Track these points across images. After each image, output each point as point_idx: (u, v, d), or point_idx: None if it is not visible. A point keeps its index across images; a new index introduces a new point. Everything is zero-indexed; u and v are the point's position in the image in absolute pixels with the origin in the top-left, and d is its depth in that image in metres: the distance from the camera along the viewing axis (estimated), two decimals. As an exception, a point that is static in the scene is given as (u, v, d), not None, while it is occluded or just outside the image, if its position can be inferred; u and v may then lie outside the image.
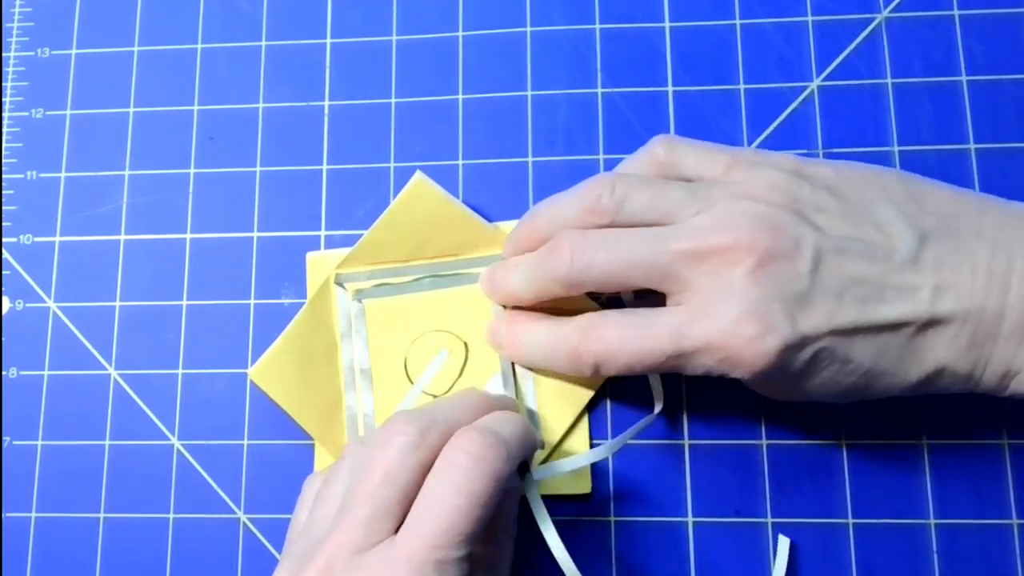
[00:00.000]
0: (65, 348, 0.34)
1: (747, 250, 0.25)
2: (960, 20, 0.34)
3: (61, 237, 0.35)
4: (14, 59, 0.37)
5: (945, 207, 0.27)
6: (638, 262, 0.26)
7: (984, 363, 0.26)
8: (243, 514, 0.33)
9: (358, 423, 0.32)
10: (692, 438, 0.32)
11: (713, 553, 0.31)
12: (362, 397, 0.32)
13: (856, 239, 0.26)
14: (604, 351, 0.27)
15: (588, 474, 0.31)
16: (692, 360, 0.26)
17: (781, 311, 0.25)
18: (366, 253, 0.33)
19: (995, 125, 0.33)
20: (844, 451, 0.31)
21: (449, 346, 0.32)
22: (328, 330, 0.33)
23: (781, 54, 0.35)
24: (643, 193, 0.27)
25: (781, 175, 0.27)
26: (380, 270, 0.33)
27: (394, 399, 0.32)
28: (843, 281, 0.25)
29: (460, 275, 0.33)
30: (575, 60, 0.35)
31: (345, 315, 0.33)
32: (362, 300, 0.33)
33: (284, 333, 0.32)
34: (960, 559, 0.30)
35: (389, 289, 0.33)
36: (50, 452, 0.34)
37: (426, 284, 0.33)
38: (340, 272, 0.33)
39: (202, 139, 0.36)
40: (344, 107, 0.36)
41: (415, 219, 0.32)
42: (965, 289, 0.25)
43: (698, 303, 0.26)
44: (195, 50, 0.37)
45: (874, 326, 0.25)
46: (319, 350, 0.32)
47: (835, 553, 0.31)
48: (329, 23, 0.36)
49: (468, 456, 0.24)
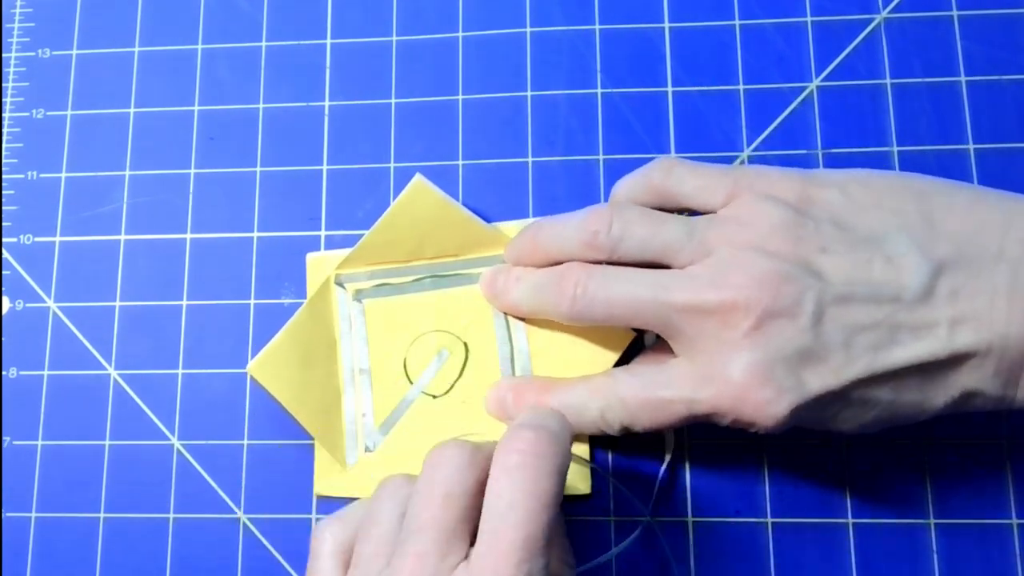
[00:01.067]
0: (65, 348, 0.34)
1: (745, 311, 0.25)
2: (959, 20, 0.34)
3: (61, 237, 0.35)
4: (15, 59, 0.37)
5: (964, 225, 0.25)
6: (639, 309, 0.26)
7: (1015, 384, 0.25)
8: (243, 514, 0.33)
9: (356, 423, 0.32)
10: (692, 438, 0.32)
11: (714, 553, 0.31)
12: (361, 396, 0.32)
13: (862, 282, 0.25)
14: (627, 417, 0.27)
15: (588, 475, 0.31)
16: (707, 418, 0.26)
17: (785, 372, 0.24)
18: (366, 254, 0.33)
19: (994, 125, 0.33)
20: (844, 451, 0.31)
21: (449, 346, 0.32)
22: (327, 329, 0.33)
23: (781, 54, 0.35)
24: (639, 230, 0.27)
25: (782, 212, 0.26)
26: (380, 270, 0.33)
27: (393, 399, 0.32)
28: (850, 330, 0.24)
29: (460, 275, 0.33)
30: (575, 60, 0.35)
31: (345, 315, 0.33)
32: (362, 300, 0.33)
33: (283, 330, 0.32)
34: (960, 559, 0.30)
35: (389, 289, 0.33)
36: (50, 452, 0.34)
37: (426, 284, 0.33)
38: (340, 272, 0.33)
39: (202, 139, 0.36)
40: (344, 107, 0.36)
41: (415, 220, 0.32)
42: (985, 319, 0.24)
43: (703, 362, 0.26)
44: (195, 50, 0.37)
45: (889, 371, 0.24)
46: (318, 349, 0.32)
47: (835, 553, 0.31)
48: (329, 23, 0.36)
49: (525, 456, 0.22)
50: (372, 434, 0.32)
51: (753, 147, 0.34)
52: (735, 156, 0.34)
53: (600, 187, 0.34)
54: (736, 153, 0.34)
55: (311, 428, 0.32)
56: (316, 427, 0.32)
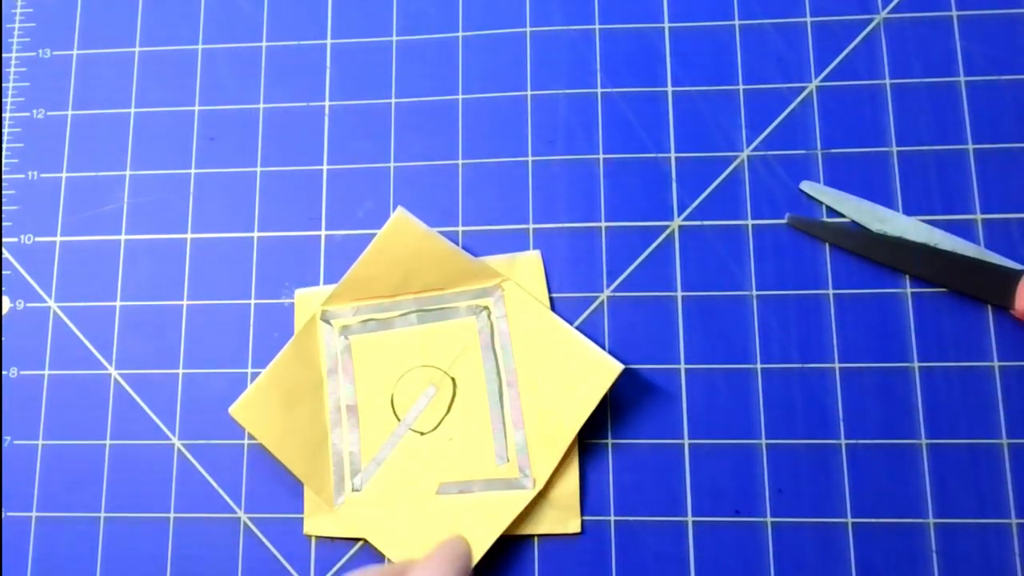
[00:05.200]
0: (66, 348, 0.34)
1: None
2: (958, 21, 0.34)
3: (62, 237, 0.35)
4: (15, 59, 0.37)
5: None
6: None
7: None
8: (243, 514, 0.33)
9: (344, 460, 0.32)
10: (692, 438, 0.32)
11: (713, 553, 0.31)
12: (348, 435, 0.32)
13: None
14: None
15: (578, 512, 0.31)
16: None
17: None
18: (351, 289, 0.33)
19: (993, 125, 0.33)
20: (844, 451, 0.32)
21: (436, 382, 0.32)
22: (314, 367, 0.33)
23: (780, 55, 0.35)
24: None
25: None
26: (366, 305, 0.33)
27: (381, 436, 0.32)
28: None
29: (446, 309, 0.33)
30: (575, 60, 0.35)
31: (331, 351, 0.33)
32: (348, 336, 0.33)
33: (267, 369, 0.32)
34: (959, 559, 0.30)
35: (375, 325, 0.33)
36: (50, 452, 0.34)
37: (412, 319, 0.33)
38: (326, 308, 0.33)
39: (203, 139, 0.36)
40: (344, 107, 0.36)
41: (399, 254, 0.32)
42: None
43: None
44: (196, 51, 0.37)
45: None
46: (304, 387, 0.32)
47: (835, 553, 0.31)
48: (329, 23, 0.37)
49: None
50: (359, 472, 0.32)
51: (752, 147, 0.34)
52: (735, 156, 0.34)
53: (600, 187, 0.34)
54: (736, 153, 0.34)
55: (296, 470, 0.32)
56: (301, 468, 0.32)
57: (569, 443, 0.31)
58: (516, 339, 0.32)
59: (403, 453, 0.32)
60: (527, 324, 0.32)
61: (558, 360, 0.32)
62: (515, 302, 0.33)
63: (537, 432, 0.31)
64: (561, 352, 0.32)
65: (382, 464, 0.32)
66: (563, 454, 0.31)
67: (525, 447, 0.31)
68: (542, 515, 0.31)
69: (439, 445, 0.32)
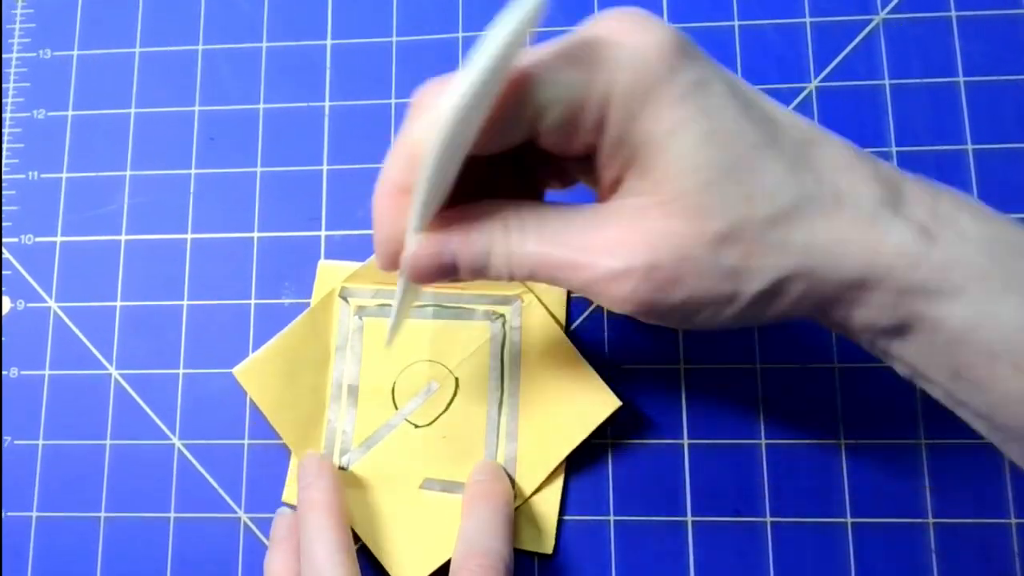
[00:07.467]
0: (66, 348, 0.34)
1: None
2: (957, 21, 0.35)
3: (62, 237, 0.35)
4: (16, 60, 0.37)
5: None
6: None
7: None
8: (243, 514, 0.33)
9: (336, 438, 0.32)
10: (692, 438, 0.32)
11: (713, 553, 0.31)
12: (345, 413, 0.32)
13: None
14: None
15: (552, 534, 0.31)
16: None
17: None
18: (375, 270, 0.33)
19: (992, 126, 0.34)
20: (844, 451, 0.32)
21: (440, 379, 0.32)
22: (323, 341, 0.33)
23: (780, 55, 0.35)
24: None
25: None
26: (386, 290, 0.33)
27: (376, 421, 0.32)
28: None
29: (464, 309, 0.33)
30: (575, 61, 0.35)
31: (343, 329, 0.33)
32: (362, 317, 0.33)
33: (278, 336, 0.32)
34: (959, 558, 0.30)
35: (390, 310, 0.33)
36: (50, 452, 0.34)
37: (428, 313, 0.33)
38: (346, 285, 0.33)
39: (203, 140, 0.36)
40: (344, 107, 0.36)
41: None
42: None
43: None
44: (196, 51, 0.37)
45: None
46: (310, 359, 0.32)
47: (835, 553, 0.31)
48: (329, 23, 0.37)
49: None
50: (349, 452, 0.32)
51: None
52: (734, 156, 0.34)
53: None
54: (735, 153, 0.34)
55: (288, 439, 0.32)
56: (293, 438, 0.32)
57: (556, 466, 0.31)
58: (526, 353, 0.32)
59: (394, 442, 0.32)
60: (539, 341, 0.32)
61: (562, 383, 0.31)
62: (532, 316, 0.32)
63: (528, 448, 0.31)
64: (566, 376, 0.31)
65: (372, 449, 0.32)
66: (548, 475, 0.31)
67: (514, 460, 0.31)
68: (518, 530, 0.31)
69: (431, 441, 0.32)
